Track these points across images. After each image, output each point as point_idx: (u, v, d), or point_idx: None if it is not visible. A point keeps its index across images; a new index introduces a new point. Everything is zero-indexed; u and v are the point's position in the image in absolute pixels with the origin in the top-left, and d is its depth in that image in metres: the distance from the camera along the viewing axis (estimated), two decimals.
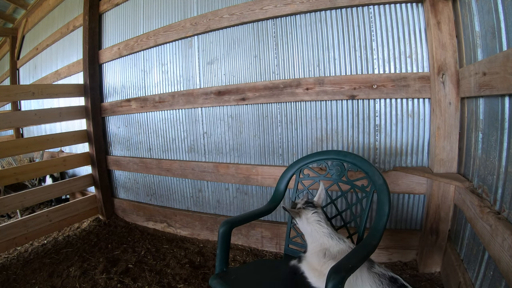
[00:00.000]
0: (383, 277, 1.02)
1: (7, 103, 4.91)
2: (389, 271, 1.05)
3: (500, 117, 1.05)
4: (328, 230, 1.16)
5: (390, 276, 1.02)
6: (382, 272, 1.04)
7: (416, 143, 1.67)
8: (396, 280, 1.01)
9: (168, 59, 2.41)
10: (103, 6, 2.76)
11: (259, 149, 2.09)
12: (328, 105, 1.84)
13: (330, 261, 1.07)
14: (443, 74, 1.47)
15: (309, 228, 1.18)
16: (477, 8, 1.21)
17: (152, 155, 2.64)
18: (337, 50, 1.79)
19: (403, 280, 1.01)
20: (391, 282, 1.01)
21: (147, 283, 1.81)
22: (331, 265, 1.03)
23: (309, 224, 1.18)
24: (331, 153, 1.39)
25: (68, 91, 2.79)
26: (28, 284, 1.90)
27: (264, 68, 2.00)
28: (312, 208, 1.20)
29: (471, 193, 1.25)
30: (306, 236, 1.21)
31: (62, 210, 2.63)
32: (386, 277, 1.02)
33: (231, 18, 2.02)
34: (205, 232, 2.36)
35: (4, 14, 4.53)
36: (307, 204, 1.22)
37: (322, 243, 1.14)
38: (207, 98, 2.19)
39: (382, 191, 1.18)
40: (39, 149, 2.72)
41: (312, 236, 1.17)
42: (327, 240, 1.13)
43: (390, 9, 1.64)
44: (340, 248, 1.11)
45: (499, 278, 1.00)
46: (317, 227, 1.16)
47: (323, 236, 1.14)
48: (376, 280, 1.02)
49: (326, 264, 1.07)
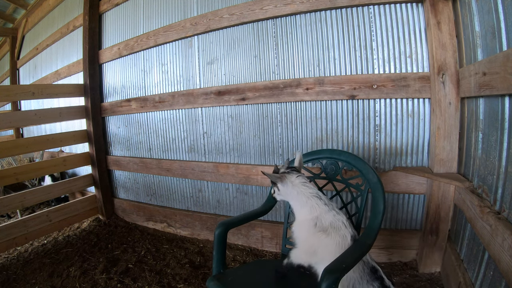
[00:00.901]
0: (366, 265, 1.05)
1: (7, 103, 4.91)
2: (373, 261, 1.07)
3: (500, 117, 1.05)
4: (315, 191, 1.09)
5: (372, 266, 1.05)
6: (367, 260, 1.06)
7: (416, 143, 1.67)
8: (376, 271, 1.04)
9: (168, 59, 2.41)
10: (103, 6, 2.76)
11: (259, 149, 2.09)
12: (328, 105, 1.84)
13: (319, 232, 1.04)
14: (443, 74, 1.47)
15: (295, 191, 1.09)
16: (477, 8, 1.21)
17: (152, 155, 2.64)
18: (337, 50, 1.79)
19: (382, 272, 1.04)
20: (371, 272, 1.04)
21: (147, 283, 1.81)
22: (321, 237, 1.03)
23: (294, 187, 1.10)
24: (325, 152, 1.39)
25: (68, 91, 2.79)
26: (28, 284, 1.90)
27: (264, 68, 2.00)
28: (296, 172, 1.13)
29: (471, 193, 1.25)
30: (293, 204, 1.14)
31: (62, 210, 2.63)
32: (369, 265, 1.05)
33: (231, 18, 2.02)
34: (205, 232, 2.36)
35: (4, 14, 4.53)
36: (290, 169, 1.15)
37: (311, 206, 1.07)
38: (207, 98, 2.19)
39: (377, 189, 1.18)
40: (39, 149, 2.73)
41: (299, 200, 1.10)
42: (315, 202, 1.07)
43: (390, 9, 1.64)
44: (333, 220, 1.05)
45: (499, 278, 1.00)
46: (303, 188, 1.09)
47: (311, 197, 1.07)
48: (359, 266, 1.03)
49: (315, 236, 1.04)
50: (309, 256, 1.08)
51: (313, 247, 1.06)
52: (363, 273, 1.03)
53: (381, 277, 1.03)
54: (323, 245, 1.04)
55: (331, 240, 1.04)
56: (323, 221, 1.06)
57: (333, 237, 1.04)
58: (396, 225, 1.81)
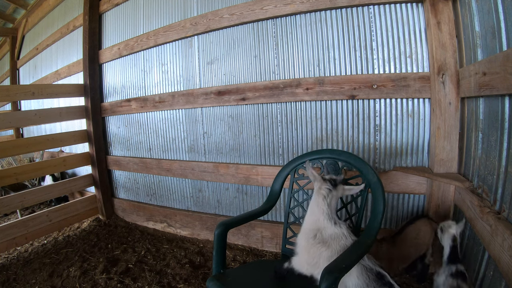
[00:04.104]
0: (370, 271, 1.01)
1: (7, 103, 4.91)
2: (377, 266, 1.04)
3: (500, 117, 1.05)
4: (328, 210, 1.11)
5: (378, 272, 1.01)
6: (370, 266, 1.03)
7: (416, 143, 1.67)
8: (383, 276, 1.00)
9: (168, 59, 2.41)
10: (103, 6, 2.76)
11: (259, 149, 2.09)
12: (328, 105, 1.84)
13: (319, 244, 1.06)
14: (443, 74, 1.47)
15: (314, 198, 1.14)
16: (477, 8, 1.21)
17: (152, 155, 2.64)
18: (337, 50, 1.79)
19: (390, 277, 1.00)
20: (377, 278, 1.00)
21: (147, 283, 1.81)
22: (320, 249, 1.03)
23: (316, 194, 1.14)
24: (325, 152, 1.39)
25: (68, 91, 2.79)
26: (28, 284, 1.90)
27: (264, 68, 2.00)
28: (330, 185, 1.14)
29: (471, 193, 1.25)
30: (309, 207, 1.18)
31: (62, 210, 2.63)
32: (374, 272, 1.01)
33: (231, 18, 2.02)
34: (205, 232, 2.36)
35: (4, 14, 4.53)
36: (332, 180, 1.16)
37: (317, 220, 1.11)
38: (207, 98, 2.19)
39: (377, 189, 1.17)
40: (39, 149, 2.72)
41: (311, 208, 1.15)
42: (323, 219, 1.10)
43: (390, 9, 1.64)
44: (333, 232, 1.07)
45: (499, 278, 1.00)
46: (320, 201, 1.12)
47: (321, 213, 1.11)
48: (363, 273, 1.01)
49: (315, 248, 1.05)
50: (311, 268, 1.08)
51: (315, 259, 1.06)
52: (368, 280, 1.00)
53: (389, 282, 0.99)
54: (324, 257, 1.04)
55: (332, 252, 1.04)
56: (323, 233, 1.08)
57: (333, 248, 1.04)
58: (396, 225, 1.81)
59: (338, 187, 1.15)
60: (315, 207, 1.13)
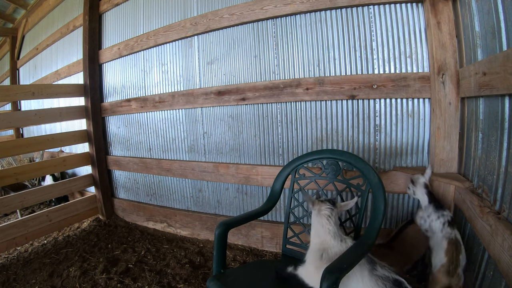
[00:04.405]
0: (386, 280, 0.98)
1: (7, 103, 4.91)
2: (393, 273, 1.01)
3: (500, 117, 1.05)
4: (333, 229, 1.11)
5: (394, 279, 0.98)
6: (385, 275, 1.00)
7: (416, 143, 1.67)
8: (400, 283, 0.97)
9: (168, 59, 2.41)
10: (103, 6, 2.76)
11: (259, 149, 2.09)
12: (328, 105, 1.84)
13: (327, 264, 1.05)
14: (443, 74, 1.47)
15: (316, 221, 1.14)
16: (477, 8, 1.21)
17: (152, 155, 2.64)
18: (337, 50, 1.79)
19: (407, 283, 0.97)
20: (395, 286, 0.97)
21: (147, 283, 1.81)
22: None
23: (318, 216, 1.14)
24: (326, 152, 1.39)
25: (68, 91, 2.79)
26: (28, 284, 1.90)
27: (264, 68, 2.00)
28: (330, 205, 1.16)
29: (471, 193, 1.25)
30: (312, 230, 1.18)
31: (62, 210, 2.63)
32: (390, 279, 0.98)
33: (231, 18, 2.02)
34: (205, 232, 2.36)
35: (4, 14, 4.53)
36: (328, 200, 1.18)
37: (323, 241, 1.10)
38: (207, 98, 2.19)
39: (378, 189, 1.18)
40: (39, 149, 2.73)
41: (316, 229, 1.14)
42: (329, 239, 1.10)
43: (390, 9, 1.64)
44: (339, 250, 1.07)
45: (499, 278, 1.00)
46: (324, 221, 1.12)
47: (327, 233, 1.11)
48: (379, 283, 0.98)
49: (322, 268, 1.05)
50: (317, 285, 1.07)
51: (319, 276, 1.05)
52: None
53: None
54: None
55: None
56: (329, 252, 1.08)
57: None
58: (397, 225, 1.80)
59: (336, 205, 1.17)
60: (320, 228, 1.13)
